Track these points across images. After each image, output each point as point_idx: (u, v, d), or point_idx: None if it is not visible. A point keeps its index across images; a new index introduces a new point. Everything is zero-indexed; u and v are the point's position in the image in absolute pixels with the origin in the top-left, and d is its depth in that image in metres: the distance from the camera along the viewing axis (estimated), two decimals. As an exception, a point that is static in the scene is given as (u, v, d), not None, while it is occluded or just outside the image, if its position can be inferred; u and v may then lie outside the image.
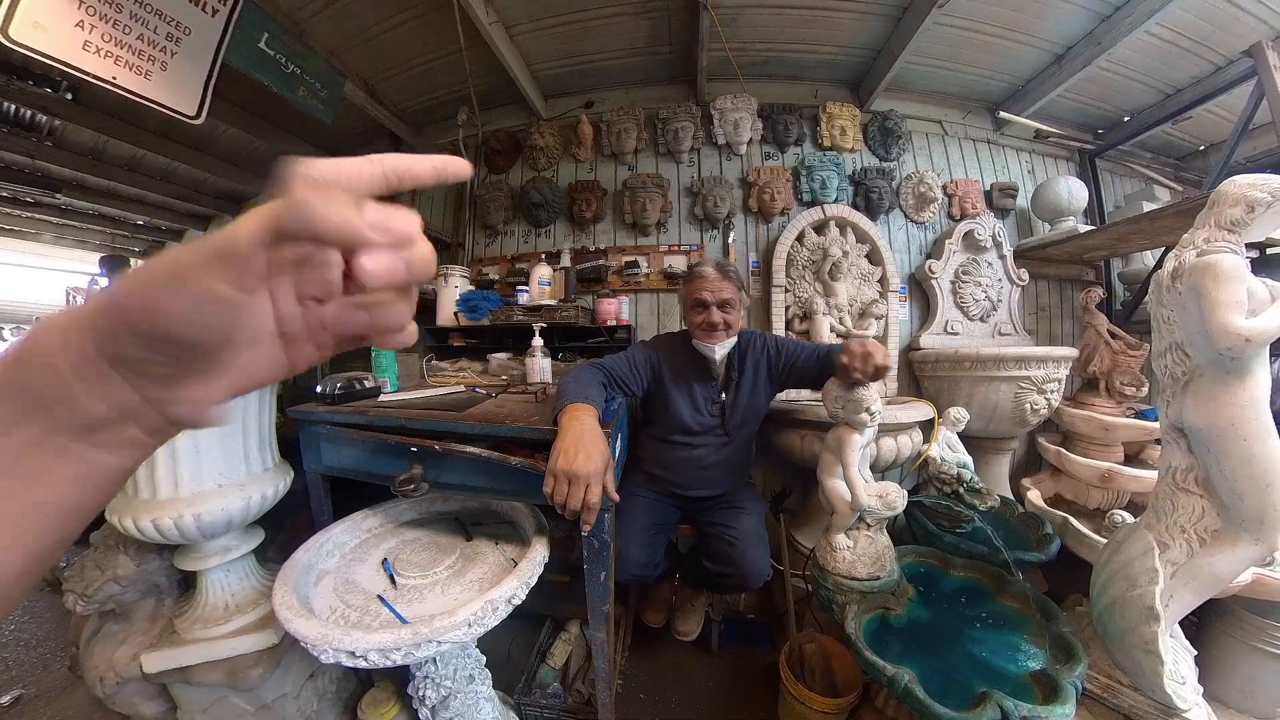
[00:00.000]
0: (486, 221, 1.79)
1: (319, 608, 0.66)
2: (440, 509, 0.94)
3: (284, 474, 0.89)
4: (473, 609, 0.60)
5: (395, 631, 0.57)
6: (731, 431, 1.00)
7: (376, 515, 0.88)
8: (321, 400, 0.86)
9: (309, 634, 0.56)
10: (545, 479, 0.63)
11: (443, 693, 0.72)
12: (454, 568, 0.75)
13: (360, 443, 0.80)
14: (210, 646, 0.81)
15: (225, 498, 0.78)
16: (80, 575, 0.85)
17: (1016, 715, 0.61)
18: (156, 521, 0.73)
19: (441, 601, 0.68)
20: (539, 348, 1.06)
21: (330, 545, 0.79)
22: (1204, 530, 0.72)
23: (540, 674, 1.00)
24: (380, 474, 0.79)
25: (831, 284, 1.48)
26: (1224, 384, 0.69)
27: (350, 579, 0.74)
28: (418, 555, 0.77)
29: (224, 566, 0.85)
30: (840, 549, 0.91)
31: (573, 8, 1.38)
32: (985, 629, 0.83)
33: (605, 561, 0.72)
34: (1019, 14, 1.35)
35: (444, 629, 0.57)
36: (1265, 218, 0.69)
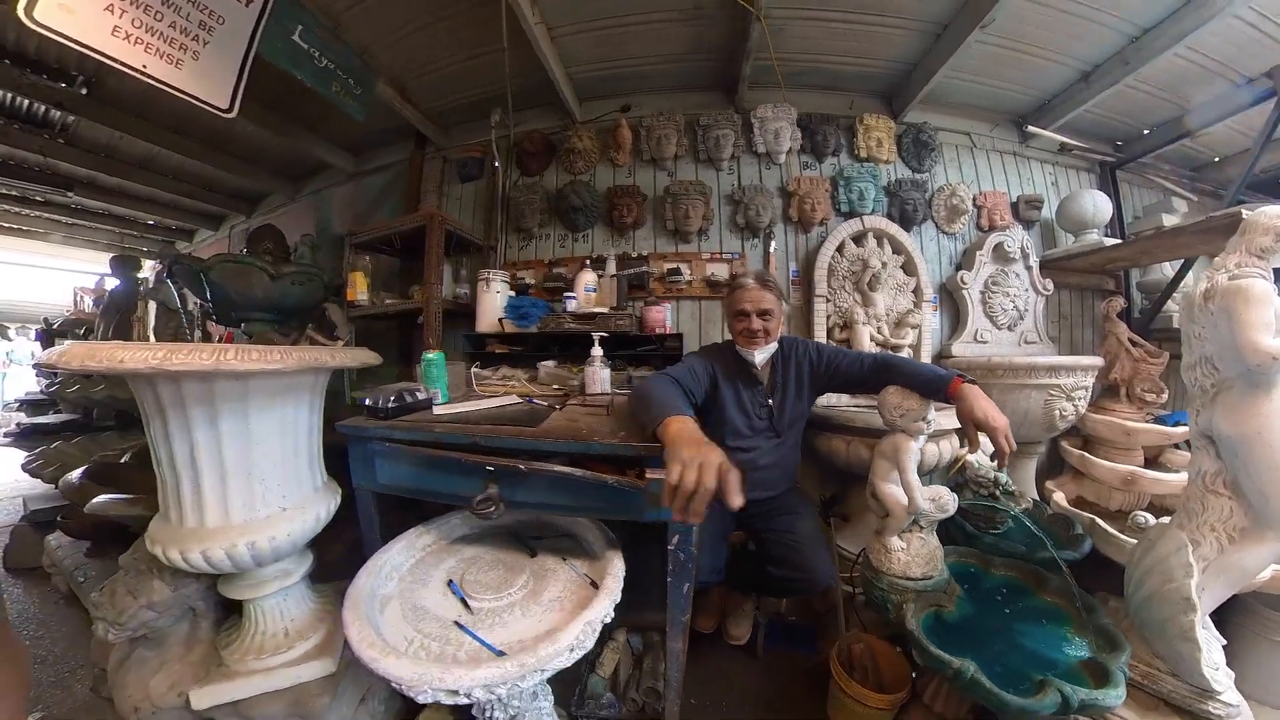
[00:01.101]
0: (521, 225, 1.84)
1: (393, 639, 0.63)
2: (493, 523, 0.90)
3: (334, 492, 0.88)
4: (574, 634, 0.59)
5: (500, 665, 0.55)
6: (782, 432, 1.09)
7: (430, 532, 0.86)
8: (373, 414, 0.84)
9: (403, 674, 0.53)
10: (670, 470, 0.58)
11: (510, 713, 0.69)
12: (527, 587, 0.73)
13: (422, 460, 0.77)
14: (268, 677, 0.78)
15: (284, 523, 0.76)
16: (111, 602, 0.81)
17: (1076, 699, 0.70)
18: (207, 553, 0.70)
19: (526, 625, 0.67)
20: (599, 358, 1.10)
21: (388, 568, 0.76)
22: (1232, 529, 0.82)
23: (591, 684, 1.00)
24: (446, 493, 0.77)
25: (870, 294, 1.58)
26: (1251, 396, 0.79)
27: (418, 604, 0.71)
28: (485, 575, 0.76)
29: (283, 592, 0.82)
30: (895, 550, 1.00)
31: (619, 11, 1.44)
32: (1030, 623, 0.93)
33: (690, 574, 0.75)
34: (1053, 33, 1.45)
35: (549, 657, 0.56)
36: (1291, 246, 0.79)
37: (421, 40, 1.57)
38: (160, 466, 0.74)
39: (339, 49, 1.49)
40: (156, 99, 1.92)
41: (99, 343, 0.66)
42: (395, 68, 1.70)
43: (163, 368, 0.60)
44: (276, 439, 0.77)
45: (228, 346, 0.66)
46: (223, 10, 1.19)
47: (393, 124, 1.92)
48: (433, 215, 1.61)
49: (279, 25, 1.31)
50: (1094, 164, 1.99)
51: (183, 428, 0.70)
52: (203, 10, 1.16)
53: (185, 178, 2.64)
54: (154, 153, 2.34)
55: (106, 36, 1.02)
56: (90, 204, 2.89)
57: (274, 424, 0.77)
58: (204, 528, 0.72)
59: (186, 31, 1.14)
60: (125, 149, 2.30)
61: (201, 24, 1.17)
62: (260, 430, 0.75)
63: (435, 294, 1.57)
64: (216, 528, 0.73)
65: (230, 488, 0.73)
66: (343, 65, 1.51)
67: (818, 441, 1.33)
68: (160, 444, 0.73)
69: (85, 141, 2.20)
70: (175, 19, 1.12)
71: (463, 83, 1.76)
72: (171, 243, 3.56)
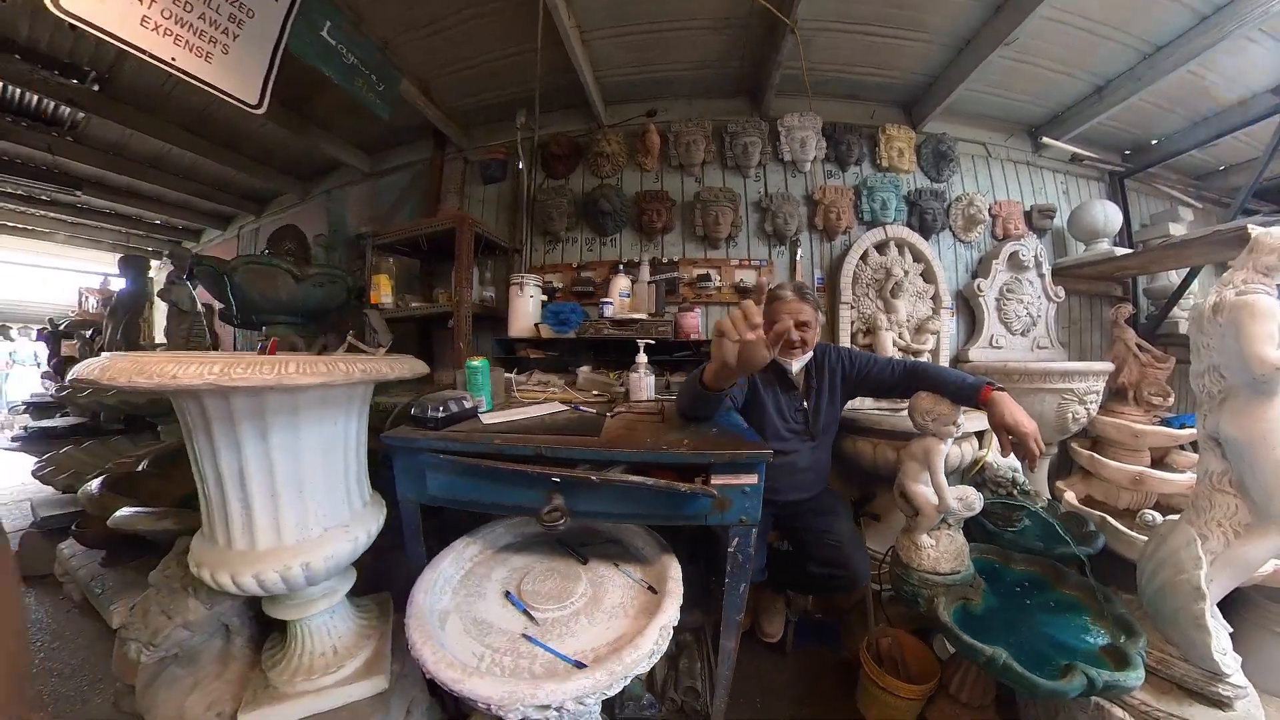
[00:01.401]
0: (547, 228, 1.88)
1: (463, 656, 0.62)
2: (535, 530, 0.93)
3: (380, 507, 0.86)
4: (652, 639, 0.60)
5: (591, 675, 0.55)
6: (817, 435, 1.15)
7: (476, 542, 0.87)
8: (421, 424, 0.83)
9: (492, 694, 0.52)
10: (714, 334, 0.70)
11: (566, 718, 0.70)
12: (587, 595, 0.74)
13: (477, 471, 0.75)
14: (319, 698, 0.76)
15: (336, 541, 0.73)
16: (144, 622, 0.79)
17: (1100, 681, 0.77)
18: (259, 576, 0.67)
19: (594, 633, 0.67)
20: (644, 364, 1.13)
21: (441, 581, 0.76)
22: (1238, 524, 0.90)
23: (629, 687, 0.96)
24: (507, 504, 0.77)
25: (892, 301, 1.66)
26: (1256, 402, 0.87)
27: (479, 618, 0.71)
28: (541, 585, 0.76)
29: (330, 610, 0.80)
30: (925, 547, 1.07)
31: (654, 17, 1.48)
32: (1051, 614, 1.01)
33: (747, 574, 0.77)
34: (1069, 50, 1.53)
35: (633, 663, 0.57)
36: (1296, 264, 0.87)
37: (449, 38, 1.58)
38: (205, 484, 0.70)
39: (364, 45, 1.49)
40: (171, 96, 1.93)
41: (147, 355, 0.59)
42: (420, 65, 1.71)
43: (220, 384, 0.56)
44: (329, 452, 0.75)
45: (288, 359, 0.61)
46: (252, 3, 1.18)
47: (410, 123, 1.93)
48: (462, 218, 1.64)
49: (307, 20, 1.31)
50: (1104, 173, 2.08)
51: (231, 444, 0.66)
52: (233, 3, 1.15)
53: (196, 177, 2.64)
54: (165, 151, 2.34)
55: (135, 27, 0.99)
56: (96, 203, 2.87)
57: (324, 437, 0.74)
58: (255, 550, 0.69)
59: (216, 24, 1.13)
60: (135, 147, 2.29)
61: (231, 16, 1.15)
62: (311, 444, 0.71)
63: (466, 298, 1.60)
64: (268, 549, 0.69)
65: (282, 506, 0.69)
66: (368, 62, 1.52)
67: (844, 444, 1.41)
68: (206, 460, 0.69)
69: (95, 139, 2.19)
70: (205, 10, 1.10)
71: (489, 82, 1.79)
72: (179, 242, 3.54)
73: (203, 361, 0.57)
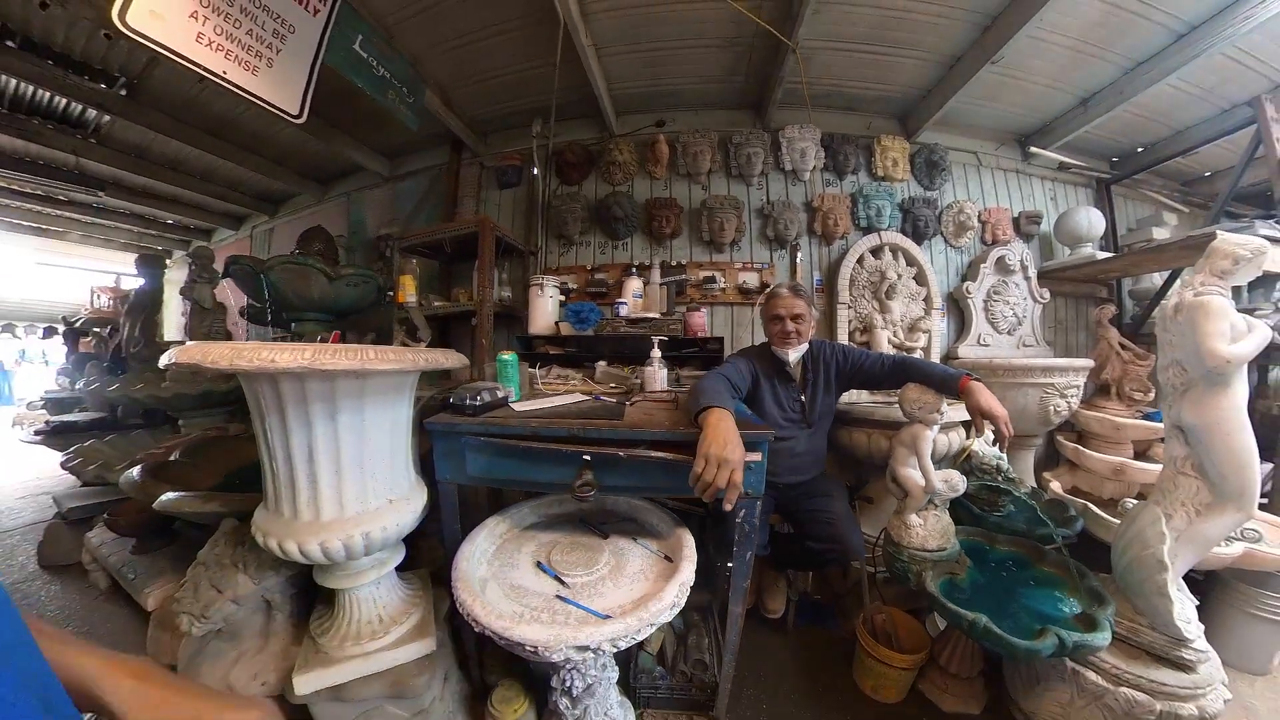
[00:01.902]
0: (562, 232, 1.98)
1: (505, 612, 0.70)
2: (558, 510, 1.04)
3: (423, 488, 0.93)
4: (673, 594, 0.70)
5: (622, 621, 0.65)
6: (814, 423, 1.25)
7: (505, 520, 0.97)
8: (459, 411, 0.90)
9: (540, 637, 0.62)
10: (696, 462, 0.73)
11: (588, 681, 0.78)
12: (610, 564, 0.83)
13: (509, 452, 0.84)
14: (366, 661, 0.82)
15: (391, 514, 0.80)
16: (195, 596, 0.84)
17: (1070, 640, 0.86)
18: (325, 544, 0.73)
19: (620, 594, 0.76)
20: (658, 359, 1.24)
21: (478, 553, 0.85)
22: (1199, 504, 0.99)
23: (641, 661, 1.08)
24: (538, 481, 0.86)
25: (887, 302, 1.76)
26: (1212, 392, 0.97)
27: (515, 583, 0.80)
28: (569, 556, 0.86)
29: (376, 580, 0.86)
30: (914, 526, 1.17)
31: (665, 36, 1.58)
32: (1030, 588, 1.10)
33: (753, 542, 0.86)
34: (1055, 65, 1.63)
35: (658, 612, 0.66)
36: (1246, 269, 0.97)
37: (473, 51, 1.68)
38: (274, 460, 0.76)
39: (394, 58, 1.58)
40: (197, 101, 2.00)
41: (247, 344, 0.67)
42: (443, 77, 1.80)
43: (314, 367, 0.63)
44: (387, 434, 0.82)
45: (368, 348, 0.70)
46: (294, 19, 1.27)
47: (429, 131, 2.01)
48: (485, 222, 1.73)
49: (341, 35, 1.39)
50: (1091, 180, 2.18)
51: (303, 424, 0.73)
52: (276, 19, 1.23)
53: (212, 178, 2.70)
54: (185, 153, 2.41)
55: (191, 43, 1.07)
56: (112, 203, 2.93)
57: (385, 419, 0.81)
58: (319, 520, 0.75)
59: (262, 39, 1.21)
60: (157, 149, 2.36)
61: (275, 32, 1.24)
62: (373, 425, 0.79)
63: (488, 297, 1.70)
64: (331, 520, 0.75)
65: (345, 480, 0.76)
66: (398, 74, 1.61)
67: (841, 434, 1.50)
68: (276, 438, 0.75)
69: (117, 141, 2.26)
70: (252, 27, 1.18)
71: (508, 93, 1.88)
72: (189, 241, 3.64)
73: (294, 349, 0.64)
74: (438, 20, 1.56)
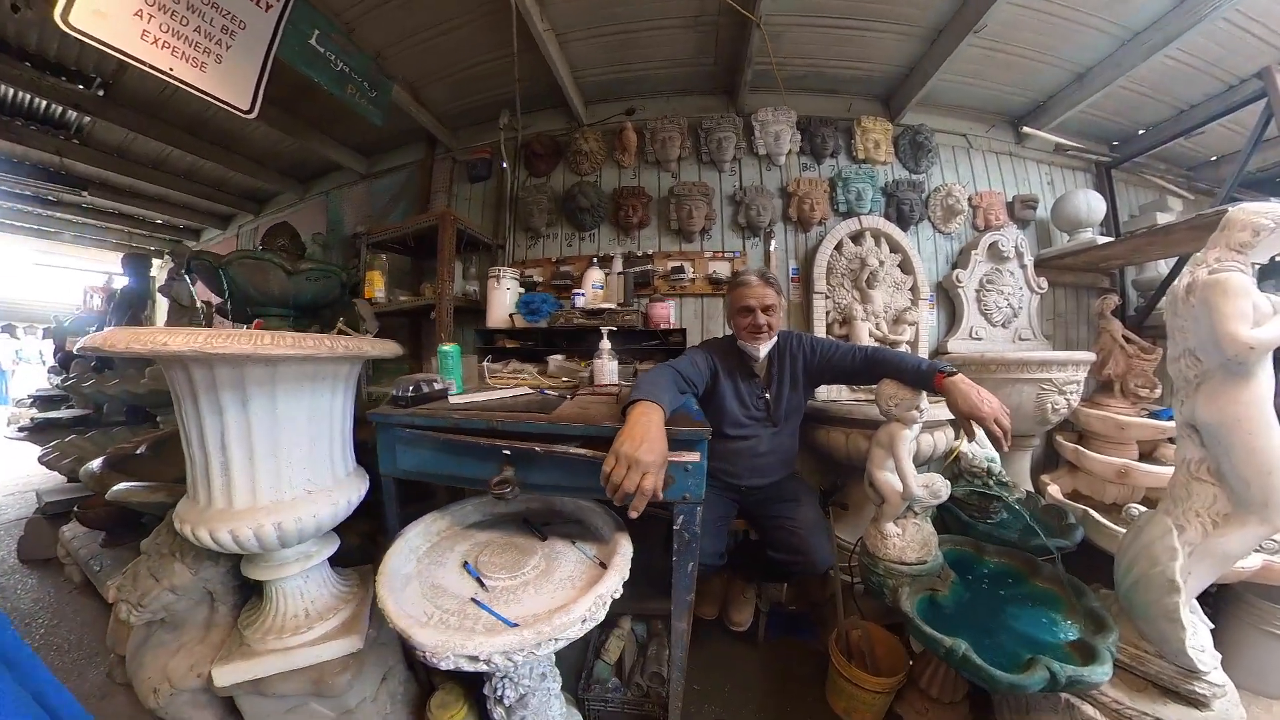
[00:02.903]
0: (529, 224, 1.89)
1: (415, 613, 0.66)
2: (504, 510, 0.96)
3: (362, 479, 0.89)
4: (585, 606, 0.62)
5: (518, 633, 0.58)
6: (779, 422, 1.12)
7: (445, 518, 0.90)
8: (396, 403, 0.87)
9: (429, 642, 0.57)
10: (606, 459, 0.64)
11: (520, 691, 0.73)
12: (539, 568, 0.77)
13: (441, 446, 0.79)
14: (288, 656, 0.79)
15: (309, 505, 0.77)
16: (134, 584, 0.83)
17: (1063, 675, 0.73)
18: (234, 532, 0.71)
19: (538, 601, 0.70)
20: (607, 350, 1.13)
21: (407, 550, 0.80)
22: (1216, 514, 0.84)
23: (597, 670, 1.02)
24: (465, 477, 0.80)
25: (868, 291, 1.62)
26: (1231, 385, 0.82)
27: (436, 583, 0.74)
28: (499, 557, 0.79)
29: (304, 574, 0.83)
30: (890, 536, 1.03)
31: (626, 18, 1.48)
32: (1022, 607, 0.96)
33: (694, 552, 0.77)
34: (1044, 37, 1.49)
35: (562, 626, 0.59)
36: (1269, 241, 0.82)
37: (434, 46, 1.61)
38: (190, 447, 0.75)
39: (354, 53, 1.53)
40: (171, 100, 1.98)
41: (142, 329, 0.68)
42: (409, 72, 1.74)
43: (204, 351, 0.62)
44: (304, 423, 0.78)
45: (262, 332, 0.68)
46: (244, 15, 1.24)
47: (403, 127, 1.96)
48: (445, 215, 1.65)
49: (296, 30, 1.36)
50: (1090, 164, 2.02)
51: (214, 410, 0.72)
52: (225, 15, 1.21)
53: (196, 178, 2.70)
54: (166, 153, 2.40)
55: (136, 40, 1.07)
56: (101, 203, 2.94)
57: (301, 408, 0.78)
58: (232, 508, 0.73)
59: (210, 36, 1.19)
60: (138, 149, 2.36)
61: (224, 29, 1.21)
62: (287, 413, 0.76)
63: (447, 291, 1.62)
64: (244, 508, 0.73)
65: (258, 469, 0.74)
66: (358, 69, 1.55)
67: (818, 434, 1.37)
68: (191, 425, 0.74)
69: (99, 142, 2.26)
70: (200, 24, 1.17)
71: (475, 86, 1.81)
72: (180, 241, 3.63)
73: (190, 333, 0.63)
74: (397, 14, 1.48)
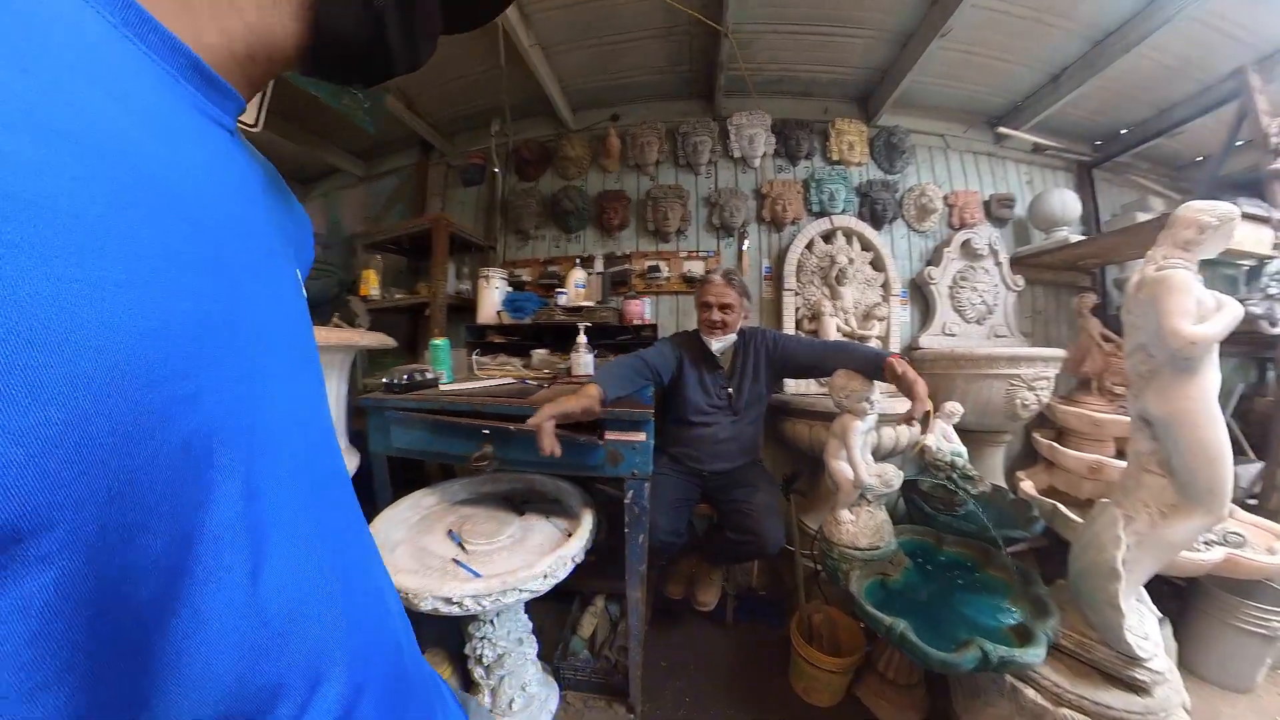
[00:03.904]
0: (519, 227, 1.93)
1: (402, 568, 0.75)
2: (490, 489, 1.04)
3: (353, 457, 0.98)
4: (548, 562, 0.71)
5: (486, 581, 0.67)
6: (739, 411, 1.16)
7: (434, 494, 0.98)
8: (390, 389, 0.95)
9: (410, 585, 0.66)
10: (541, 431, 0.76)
11: (498, 652, 0.81)
12: (514, 536, 0.85)
13: (430, 426, 0.88)
14: None
15: None
16: None
17: (995, 655, 0.74)
18: None
19: (510, 563, 0.77)
20: (583, 344, 1.19)
21: (398, 519, 0.89)
22: (1164, 504, 0.84)
23: (572, 644, 1.09)
24: (449, 454, 0.90)
25: (838, 288, 1.62)
26: (1179, 380, 0.81)
27: (423, 546, 0.83)
28: (480, 527, 0.87)
29: None
30: (844, 522, 1.04)
31: (605, 31, 1.52)
32: (972, 593, 0.96)
33: (644, 525, 0.83)
34: (1015, 39, 1.47)
35: (526, 579, 0.68)
36: (1214, 238, 0.81)
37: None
38: None
39: None
40: None
41: None
42: (402, 82, 1.79)
43: None
44: None
45: None
46: None
47: (400, 133, 2.02)
48: (438, 219, 1.71)
49: None
50: (1070, 163, 1.98)
51: None
52: None
53: None
54: None
55: None
56: None
57: None
58: None
59: None
60: None
61: None
62: None
63: (441, 290, 1.68)
64: None
65: None
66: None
67: (784, 425, 1.38)
68: None
69: None
70: None
71: (464, 95, 1.86)
72: None
73: None
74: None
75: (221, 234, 0.14)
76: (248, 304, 0.15)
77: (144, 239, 0.11)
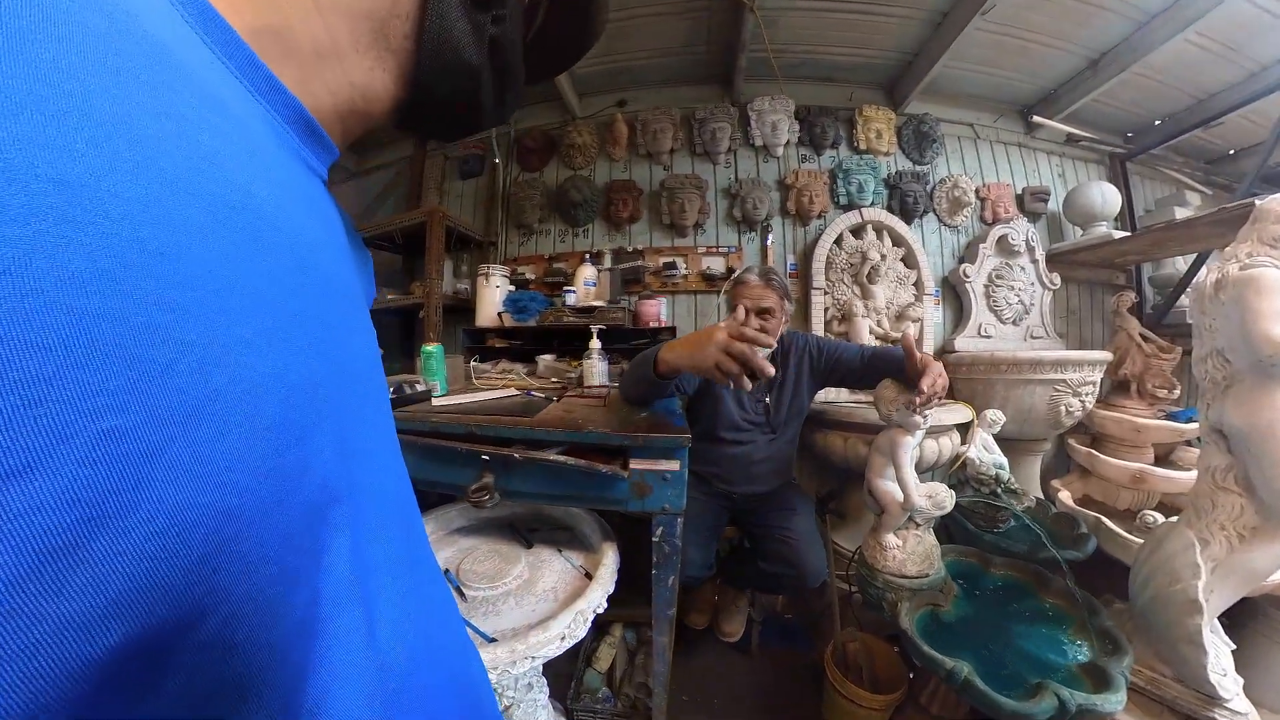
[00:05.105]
0: (521, 220, 1.84)
1: None
2: (490, 515, 0.91)
3: None
4: (564, 623, 0.60)
5: (492, 651, 0.56)
6: (778, 428, 1.07)
7: (429, 522, 0.87)
8: None
9: None
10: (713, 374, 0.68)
11: (505, 703, 0.71)
12: (522, 577, 0.74)
13: (418, 451, 0.75)
14: None
15: None
16: None
17: (1073, 703, 0.67)
18: None
19: (519, 614, 0.67)
20: (597, 350, 1.08)
21: None
22: (1243, 527, 0.78)
23: (587, 679, 1.00)
24: (444, 482, 0.76)
25: (870, 287, 1.55)
26: (1263, 388, 0.76)
27: None
28: (481, 565, 0.76)
29: None
30: (890, 548, 0.97)
31: (615, 5, 1.44)
32: (1029, 624, 0.90)
33: (675, 566, 0.73)
34: (1057, 20, 1.41)
35: (539, 644, 0.57)
36: (1306, 233, 0.76)
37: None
38: None
39: None
40: None
41: None
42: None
43: None
44: None
45: None
46: None
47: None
48: (433, 211, 1.61)
49: None
50: (1103, 156, 1.93)
51: None
52: None
53: None
54: None
55: None
56: None
57: None
58: None
59: None
60: None
61: None
62: None
63: (436, 289, 1.57)
64: None
65: None
66: None
67: (815, 438, 1.31)
68: None
69: None
70: None
71: (462, 81, 1.78)
72: None
73: None
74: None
75: (326, 285, 0.15)
76: (345, 352, 0.16)
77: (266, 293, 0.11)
